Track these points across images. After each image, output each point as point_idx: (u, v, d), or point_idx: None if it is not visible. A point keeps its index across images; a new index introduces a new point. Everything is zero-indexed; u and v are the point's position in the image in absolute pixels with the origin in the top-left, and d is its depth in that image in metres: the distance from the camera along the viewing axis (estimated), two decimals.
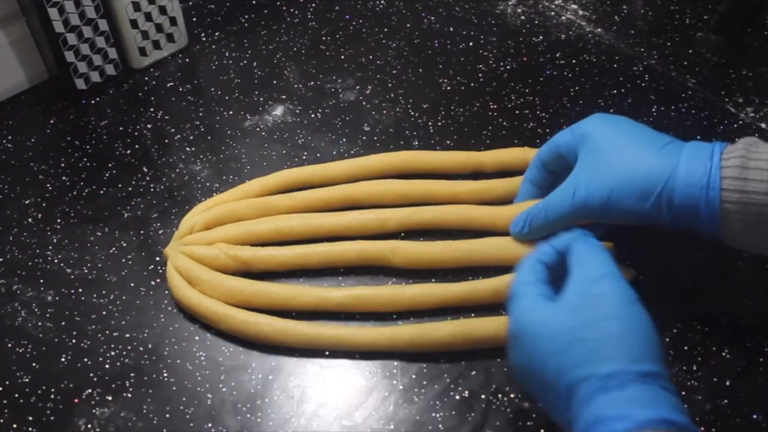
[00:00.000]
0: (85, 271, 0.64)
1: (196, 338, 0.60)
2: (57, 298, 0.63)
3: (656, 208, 0.54)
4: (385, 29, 0.86)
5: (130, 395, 0.57)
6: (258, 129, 0.76)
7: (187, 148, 0.74)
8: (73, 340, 0.60)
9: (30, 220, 0.68)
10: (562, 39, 0.84)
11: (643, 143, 0.55)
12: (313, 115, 0.77)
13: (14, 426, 0.55)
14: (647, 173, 0.54)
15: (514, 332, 0.49)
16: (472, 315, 0.60)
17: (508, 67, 0.81)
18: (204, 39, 0.85)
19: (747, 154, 0.51)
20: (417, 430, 0.55)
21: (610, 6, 0.89)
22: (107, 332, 0.60)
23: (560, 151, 0.61)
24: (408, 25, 0.87)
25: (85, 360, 0.59)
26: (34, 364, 0.59)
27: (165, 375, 0.58)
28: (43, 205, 0.70)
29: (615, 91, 0.78)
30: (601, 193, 0.55)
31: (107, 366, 0.58)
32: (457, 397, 0.56)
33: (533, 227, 0.60)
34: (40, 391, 0.57)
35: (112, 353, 0.59)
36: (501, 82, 0.79)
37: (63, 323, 0.61)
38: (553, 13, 0.88)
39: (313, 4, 0.89)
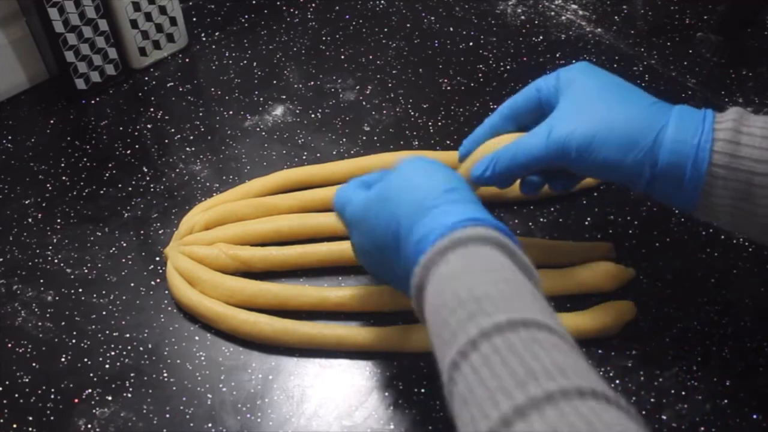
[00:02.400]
0: (85, 271, 0.64)
1: (196, 338, 0.60)
2: (57, 298, 0.63)
3: (638, 163, 0.50)
4: (385, 29, 0.86)
5: (130, 395, 0.57)
6: (258, 129, 0.76)
7: (187, 148, 0.74)
8: (73, 340, 0.60)
9: (30, 220, 0.68)
10: (562, 39, 0.84)
11: (632, 96, 0.53)
12: (313, 115, 0.77)
13: (14, 426, 0.55)
14: (635, 125, 0.50)
15: (350, 221, 0.52)
16: None
17: (508, 67, 0.81)
18: (204, 39, 0.85)
19: (740, 119, 0.49)
20: (417, 430, 0.55)
21: (610, 6, 0.89)
22: (107, 332, 0.60)
23: (539, 95, 0.56)
24: (408, 25, 0.87)
25: (85, 360, 0.59)
26: (34, 364, 0.59)
27: (165, 375, 0.58)
28: (43, 205, 0.70)
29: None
30: (582, 136, 0.51)
31: (107, 366, 0.58)
32: None
33: (498, 171, 0.55)
34: (40, 391, 0.57)
35: (112, 353, 0.59)
36: (501, 82, 0.79)
37: (63, 323, 0.61)
38: (553, 13, 0.88)
39: (313, 4, 0.89)
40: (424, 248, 0.44)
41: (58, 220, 0.68)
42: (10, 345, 0.60)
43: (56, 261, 0.65)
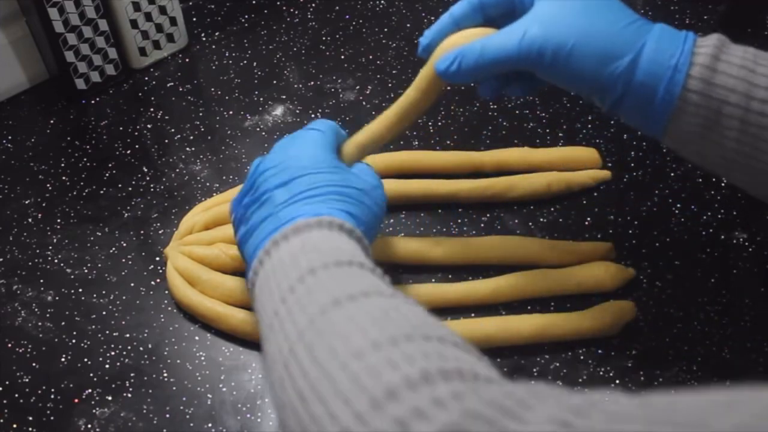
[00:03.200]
0: (85, 271, 0.64)
1: (196, 338, 0.60)
2: (57, 298, 0.63)
3: (612, 78, 0.49)
4: (385, 29, 0.86)
5: (130, 395, 0.57)
6: (258, 129, 0.76)
7: (187, 148, 0.74)
8: (73, 340, 0.60)
9: (30, 220, 0.68)
10: None
11: (614, 9, 0.51)
12: (313, 115, 0.77)
13: (14, 426, 0.55)
14: (615, 39, 0.49)
15: (299, 140, 0.55)
16: (472, 315, 0.60)
17: None
18: (204, 39, 0.85)
19: (720, 46, 0.48)
20: None
21: None
22: (107, 332, 0.60)
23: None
24: (408, 25, 0.87)
25: (85, 360, 0.59)
26: (34, 364, 0.59)
27: (165, 375, 0.58)
28: (43, 205, 0.70)
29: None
30: (559, 43, 0.49)
31: (107, 366, 0.58)
32: None
33: (464, 67, 0.52)
34: (40, 391, 0.57)
35: (112, 353, 0.59)
36: None
37: (63, 323, 0.61)
38: None
39: (313, 4, 0.89)
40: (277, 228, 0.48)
41: (58, 220, 0.68)
42: (10, 345, 0.60)
43: (56, 261, 0.65)
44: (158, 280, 0.64)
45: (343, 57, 0.83)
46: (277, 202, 0.50)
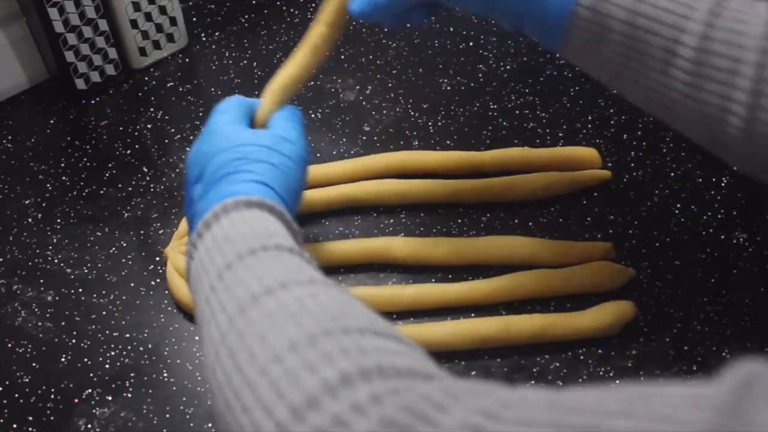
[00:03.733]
0: (85, 271, 0.64)
1: (196, 338, 0.60)
2: (57, 298, 0.63)
3: None
4: (385, 29, 0.86)
5: (130, 395, 0.57)
6: None
7: (187, 148, 0.74)
8: (73, 340, 0.60)
9: (30, 220, 0.68)
10: None
11: None
12: (313, 115, 0.77)
13: (14, 426, 0.55)
14: None
15: (205, 131, 0.55)
16: (472, 315, 0.60)
17: (508, 67, 0.81)
18: (204, 39, 0.85)
19: None
20: None
21: None
22: (107, 332, 0.60)
23: None
24: (408, 25, 0.86)
25: (85, 360, 0.59)
26: (34, 364, 0.59)
27: (165, 375, 0.58)
28: (43, 205, 0.70)
29: (615, 91, 0.78)
30: None
31: (107, 366, 0.58)
32: None
33: (377, 3, 0.55)
34: (40, 391, 0.57)
35: (112, 353, 0.59)
36: (501, 82, 0.79)
37: (63, 323, 0.61)
38: None
39: (313, 4, 0.89)
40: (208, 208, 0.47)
41: (58, 220, 0.68)
42: (10, 345, 0.60)
43: (56, 261, 0.65)
44: (158, 280, 0.64)
45: (343, 57, 0.83)
46: (196, 198, 0.50)
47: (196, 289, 0.43)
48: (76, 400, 0.57)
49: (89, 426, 0.55)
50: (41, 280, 0.64)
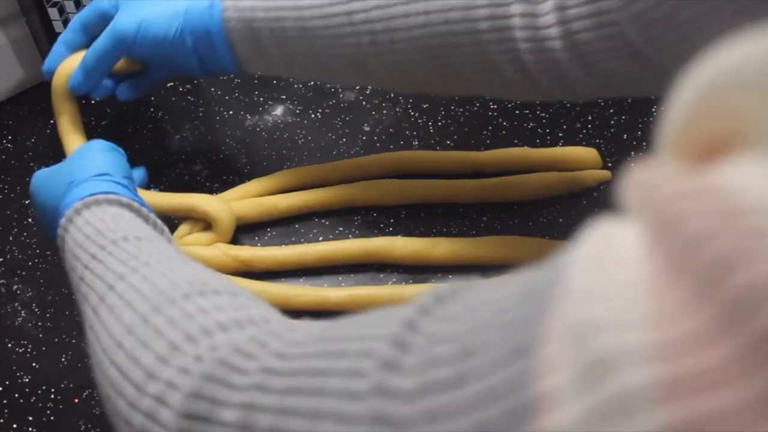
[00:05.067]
0: None
1: None
2: (57, 298, 0.63)
3: (181, 36, 0.60)
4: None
5: None
6: (258, 129, 0.76)
7: (187, 148, 0.74)
8: (73, 340, 0.60)
9: (30, 220, 0.68)
10: None
11: None
12: (313, 115, 0.77)
13: (14, 426, 0.55)
14: (174, 3, 0.61)
15: (32, 193, 0.59)
16: None
17: None
18: None
19: None
20: None
21: None
22: None
23: (102, 6, 0.64)
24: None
25: (85, 360, 0.59)
26: (34, 364, 0.59)
27: None
28: None
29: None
30: (133, 21, 0.61)
31: None
32: None
33: (85, 75, 0.64)
34: (40, 391, 0.57)
35: None
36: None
37: (63, 323, 0.61)
38: None
39: None
40: (69, 205, 0.51)
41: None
42: (10, 345, 0.60)
43: (56, 261, 0.65)
44: None
45: None
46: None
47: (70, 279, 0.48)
48: (76, 400, 0.57)
49: (89, 426, 0.55)
50: (41, 280, 0.64)
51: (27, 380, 0.58)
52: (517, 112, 0.76)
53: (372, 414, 0.26)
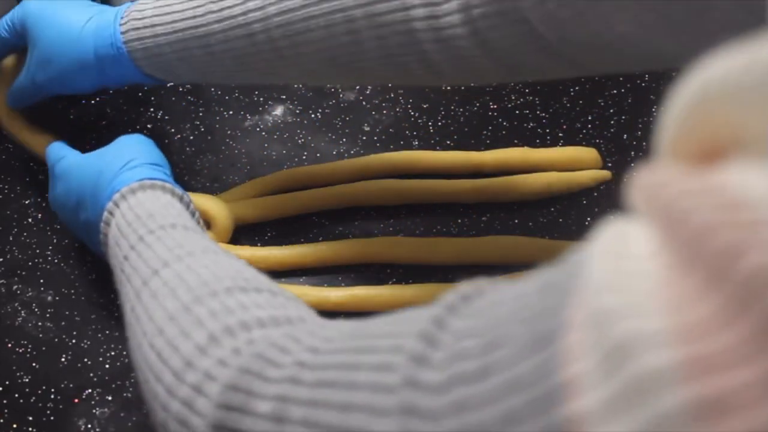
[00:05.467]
0: (85, 271, 0.64)
1: None
2: (57, 298, 0.63)
3: (82, 61, 0.61)
4: None
5: (130, 395, 0.57)
6: (258, 129, 0.76)
7: (187, 148, 0.74)
8: (73, 340, 0.60)
9: (30, 220, 0.68)
10: None
11: (73, 17, 0.62)
12: (313, 115, 0.77)
13: (14, 426, 0.55)
14: (73, 34, 0.61)
15: (60, 174, 0.60)
16: None
17: None
18: None
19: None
20: None
21: None
22: (107, 332, 0.60)
23: (9, 37, 0.66)
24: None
25: (85, 360, 0.59)
26: (34, 364, 0.59)
27: None
28: (43, 205, 0.69)
29: (615, 91, 0.78)
30: (50, 76, 0.63)
31: (107, 366, 0.58)
32: None
33: (17, 101, 0.68)
34: (40, 391, 0.57)
35: (112, 353, 0.59)
36: (501, 82, 0.79)
37: (63, 323, 0.61)
38: None
39: None
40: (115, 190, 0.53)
41: (58, 220, 0.68)
42: (10, 345, 0.60)
43: (56, 261, 0.65)
44: None
45: None
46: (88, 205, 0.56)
47: (114, 278, 0.49)
48: (76, 400, 0.57)
49: (89, 426, 0.55)
50: (41, 280, 0.64)
51: (27, 380, 0.58)
52: (517, 112, 0.76)
53: (402, 406, 0.26)
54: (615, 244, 0.22)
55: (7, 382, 0.58)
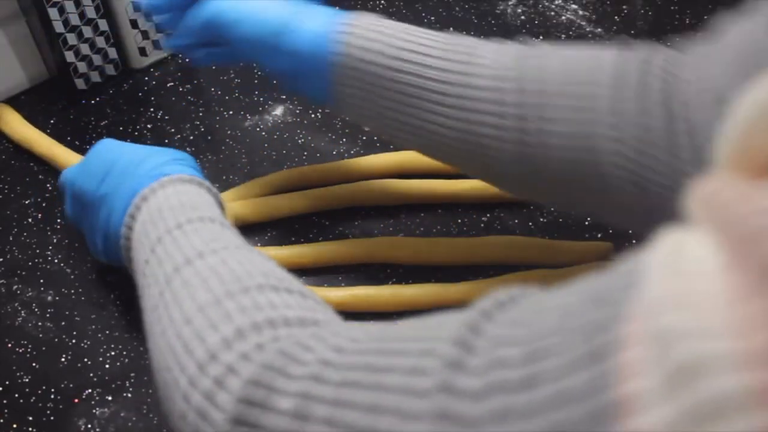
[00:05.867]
0: (85, 271, 0.64)
1: None
2: (57, 298, 0.63)
3: (282, 39, 0.54)
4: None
5: (130, 395, 0.57)
6: (258, 129, 0.76)
7: (187, 148, 0.74)
8: (73, 340, 0.60)
9: (30, 220, 0.68)
10: (562, 39, 0.84)
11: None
12: (313, 115, 0.77)
13: (14, 426, 0.55)
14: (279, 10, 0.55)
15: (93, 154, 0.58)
16: None
17: None
18: None
19: (368, 19, 0.54)
20: None
21: (610, 6, 0.89)
22: (107, 332, 0.60)
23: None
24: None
25: (85, 360, 0.59)
26: (34, 364, 0.59)
27: None
28: (43, 205, 0.70)
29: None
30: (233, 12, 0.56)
31: (107, 366, 0.58)
32: None
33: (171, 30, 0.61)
34: (40, 391, 0.57)
35: (112, 353, 0.59)
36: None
37: (63, 323, 0.61)
38: (553, 13, 0.88)
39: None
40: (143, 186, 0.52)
41: (58, 220, 0.68)
42: (10, 345, 0.60)
43: (56, 261, 0.65)
44: None
45: None
46: (108, 192, 0.54)
47: (136, 259, 0.49)
48: (76, 400, 0.57)
49: (89, 426, 0.55)
50: (41, 280, 0.64)
51: (27, 380, 0.58)
52: None
53: (436, 411, 0.26)
54: (674, 257, 0.22)
55: (7, 382, 0.58)
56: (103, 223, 0.55)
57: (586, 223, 0.67)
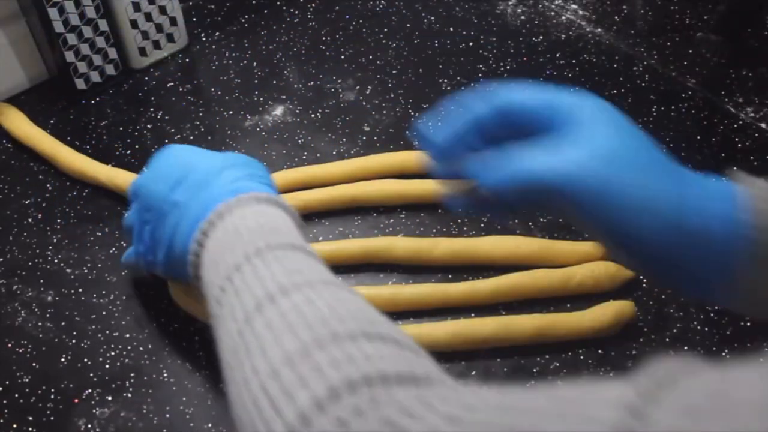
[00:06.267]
0: (85, 271, 0.64)
1: (196, 338, 0.60)
2: (57, 298, 0.63)
3: (672, 210, 0.39)
4: (385, 29, 0.86)
5: (130, 395, 0.57)
6: (258, 129, 0.76)
7: None
8: (73, 340, 0.60)
9: (30, 220, 0.68)
10: (562, 39, 0.84)
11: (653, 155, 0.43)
12: (313, 115, 0.77)
13: (14, 426, 0.55)
14: (662, 177, 0.41)
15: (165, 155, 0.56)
16: (472, 315, 0.60)
17: (508, 67, 0.81)
18: (204, 39, 0.85)
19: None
20: None
21: (610, 6, 0.89)
22: (107, 332, 0.60)
23: (548, 110, 0.45)
24: (408, 25, 0.87)
25: (85, 360, 0.59)
26: (34, 364, 0.59)
27: (165, 375, 0.58)
28: (43, 205, 0.70)
29: (615, 91, 0.78)
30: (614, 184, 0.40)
31: (107, 366, 0.58)
32: None
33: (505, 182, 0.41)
34: (40, 391, 0.57)
35: (112, 353, 0.59)
36: (501, 83, 0.79)
37: (63, 323, 0.61)
38: (553, 13, 0.88)
39: (313, 4, 0.89)
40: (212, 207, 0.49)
41: (58, 220, 0.68)
42: (10, 345, 0.60)
43: (56, 261, 0.65)
44: (158, 280, 0.64)
45: (343, 57, 0.83)
46: (181, 200, 0.52)
47: (207, 281, 0.45)
48: (76, 400, 0.57)
49: (89, 426, 0.55)
50: (41, 280, 0.64)
51: (27, 380, 0.58)
52: None
53: None
54: None
55: (7, 382, 0.58)
56: (170, 231, 0.52)
57: None
